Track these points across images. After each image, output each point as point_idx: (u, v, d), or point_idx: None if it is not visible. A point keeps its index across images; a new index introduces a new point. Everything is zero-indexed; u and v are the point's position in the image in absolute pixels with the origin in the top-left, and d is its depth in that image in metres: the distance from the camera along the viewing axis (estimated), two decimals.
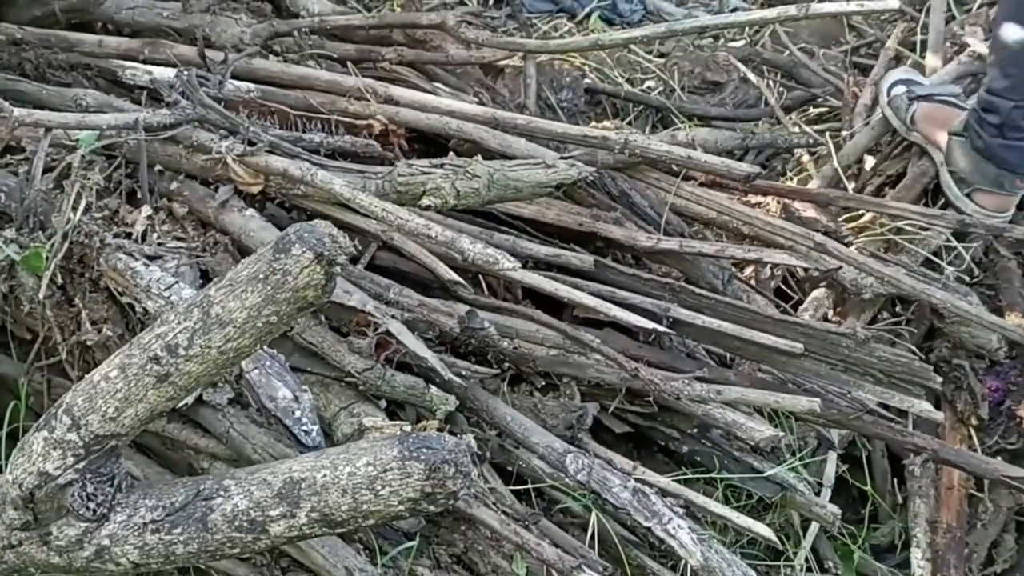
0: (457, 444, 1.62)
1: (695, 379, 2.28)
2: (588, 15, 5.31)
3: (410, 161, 2.25)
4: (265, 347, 1.90)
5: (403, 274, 2.42)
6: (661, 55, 5.05)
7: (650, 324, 2.27)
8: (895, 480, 2.82)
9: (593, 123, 3.48)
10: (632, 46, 5.12)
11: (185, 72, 2.40)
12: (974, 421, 2.73)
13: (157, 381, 1.64)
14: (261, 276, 1.56)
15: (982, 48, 3.44)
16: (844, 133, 3.49)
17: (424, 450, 1.62)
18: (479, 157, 2.36)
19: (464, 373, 2.17)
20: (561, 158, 2.33)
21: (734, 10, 5.36)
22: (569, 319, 2.51)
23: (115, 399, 1.66)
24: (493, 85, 3.25)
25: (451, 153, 2.38)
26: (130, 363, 1.65)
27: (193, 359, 1.62)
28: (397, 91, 2.72)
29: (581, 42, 2.88)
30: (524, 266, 2.27)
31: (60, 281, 2.23)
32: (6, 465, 2.39)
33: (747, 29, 5.08)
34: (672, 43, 5.17)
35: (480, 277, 2.50)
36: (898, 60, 3.95)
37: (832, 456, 2.64)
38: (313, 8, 3.37)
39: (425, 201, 2.20)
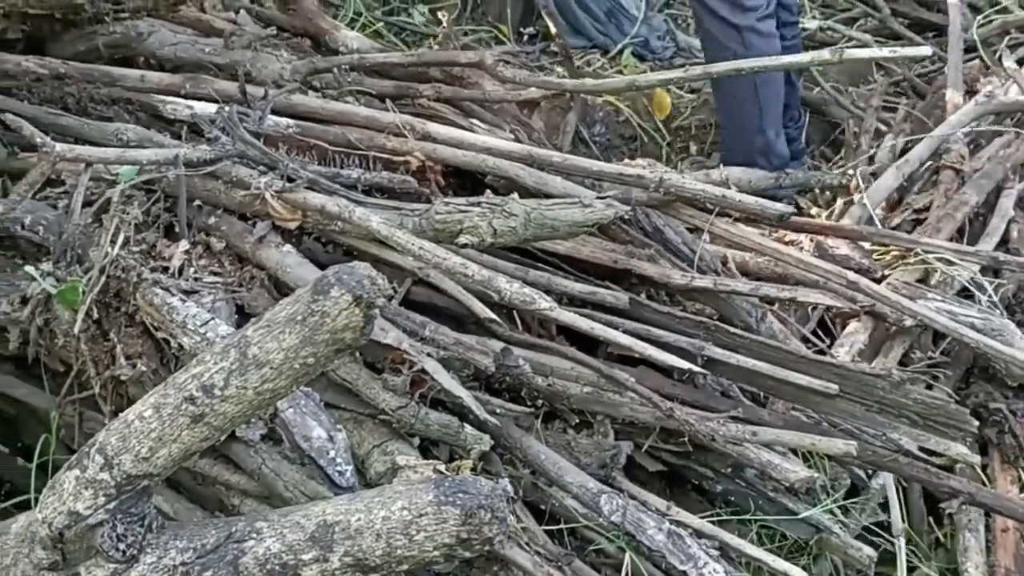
0: (493, 489, 1.54)
1: (730, 419, 2.20)
2: (620, 51, 5.28)
3: (447, 199, 2.19)
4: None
5: (437, 310, 2.36)
6: (693, 91, 5.01)
7: (685, 363, 2.22)
8: (931, 520, 2.73)
9: (627, 159, 3.42)
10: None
11: (225, 108, 2.34)
12: (1022, 463, 2.64)
13: (192, 421, 1.57)
14: (299, 317, 1.49)
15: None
16: (850, 172, 3.44)
17: (460, 495, 1.55)
18: (516, 195, 2.30)
19: (498, 411, 2.09)
20: (598, 197, 2.26)
21: None
22: (603, 356, 2.44)
23: (149, 439, 1.59)
24: (528, 120, 3.19)
25: (488, 191, 2.31)
26: (165, 403, 1.59)
27: (229, 400, 1.55)
28: (434, 128, 2.66)
29: (618, 82, 2.82)
30: (559, 303, 2.21)
31: (96, 315, 2.18)
32: (35, 500, 2.38)
33: None
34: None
35: (514, 313, 2.43)
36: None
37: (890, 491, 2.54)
38: (352, 45, 3.33)
39: (462, 239, 2.14)
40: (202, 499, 2.21)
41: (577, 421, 2.34)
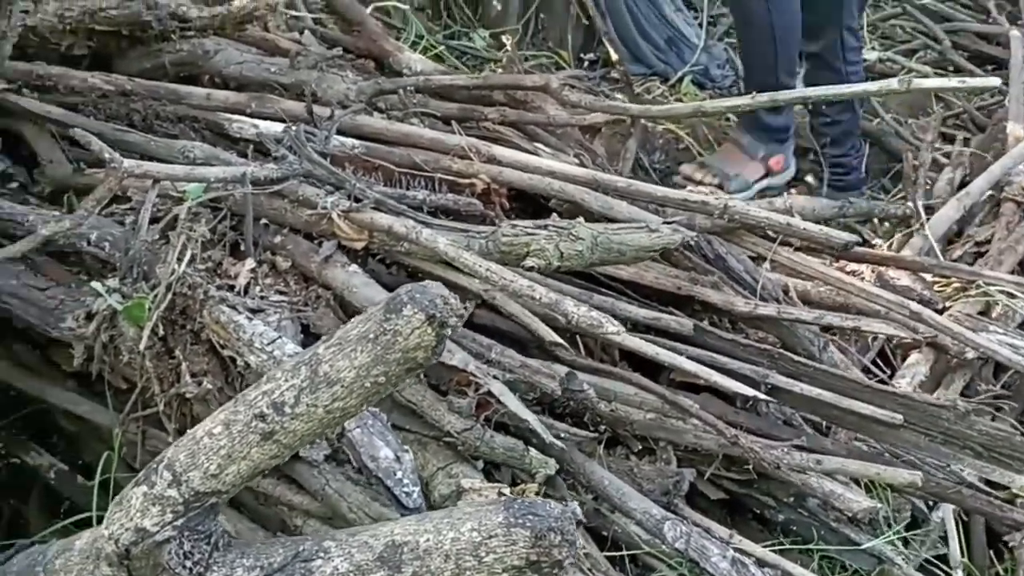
0: (563, 512, 1.52)
1: (793, 447, 2.18)
2: (680, 79, 5.28)
3: (514, 222, 2.18)
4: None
5: (501, 333, 2.34)
6: None
7: (749, 391, 2.19)
8: (992, 554, 2.68)
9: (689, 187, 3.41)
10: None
11: (293, 128, 2.35)
12: None
13: (262, 439, 1.57)
14: (371, 336, 1.49)
15: None
16: (909, 204, 3.41)
17: (530, 517, 1.52)
18: (581, 219, 2.29)
19: (562, 436, 2.08)
20: (664, 223, 2.25)
21: None
22: (666, 382, 2.42)
23: (218, 456, 1.59)
24: (591, 145, 3.19)
25: (554, 215, 2.30)
26: (235, 420, 1.58)
27: (299, 418, 1.54)
28: (499, 151, 2.66)
29: (683, 108, 2.81)
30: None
31: (161, 332, 2.18)
32: (97, 518, 2.38)
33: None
34: None
35: (577, 337, 2.42)
36: None
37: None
38: (416, 67, 3.35)
39: (528, 262, 2.13)
40: (264, 519, 2.20)
41: (640, 447, 2.32)
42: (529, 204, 2.75)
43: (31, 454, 2.74)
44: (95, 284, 2.18)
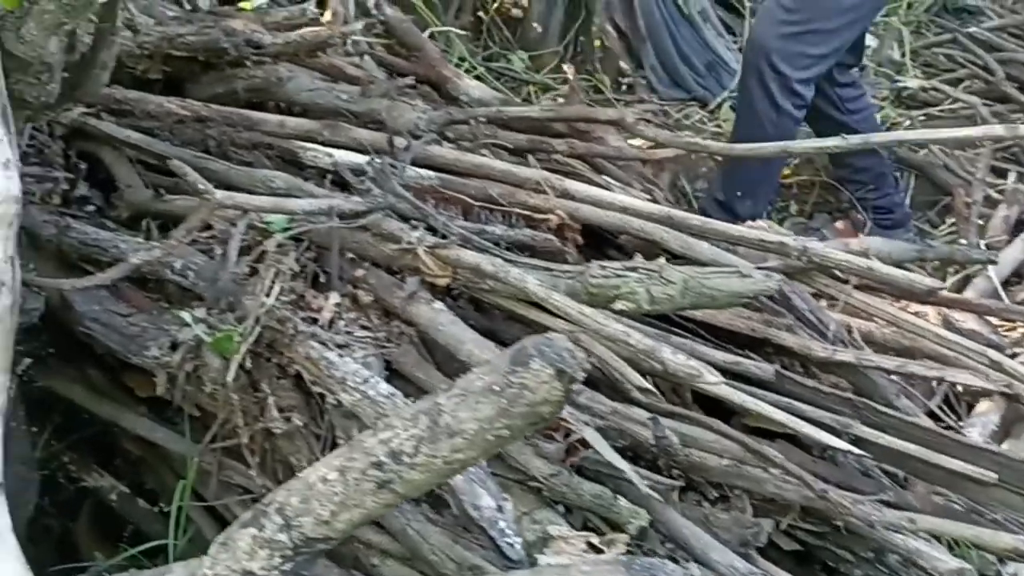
0: (685, 573, 1.52)
1: (879, 502, 2.16)
2: (720, 104, 5.29)
3: (602, 263, 2.17)
4: None
5: None
6: None
7: (836, 442, 2.17)
8: None
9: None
10: None
11: (377, 160, 2.35)
12: None
13: (377, 487, 1.56)
14: (496, 388, 1.48)
15: None
16: (963, 241, 3.39)
17: None
18: (663, 259, 2.28)
19: (655, 486, 2.06)
20: (757, 268, 2.23)
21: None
22: (739, 426, 2.41)
23: (331, 502, 1.58)
24: (653, 178, 3.19)
25: (637, 255, 2.29)
26: (350, 467, 1.57)
27: (417, 467, 1.53)
28: (572, 185, 2.65)
29: (768, 148, 2.78)
30: None
31: (247, 365, 2.17)
32: (173, 547, 2.37)
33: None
34: (803, 133, 5.10)
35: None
36: None
37: None
38: (474, 94, 3.36)
39: (618, 305, 2.12)
40: (338, 557, 2.18)
41: (716, 495, 2.31)
42: (595, 236, 2.76)
43: (92, 475, 2.74)
44: (184, 314, 2.16)
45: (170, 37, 2.77)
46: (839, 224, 4.44)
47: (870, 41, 5.74)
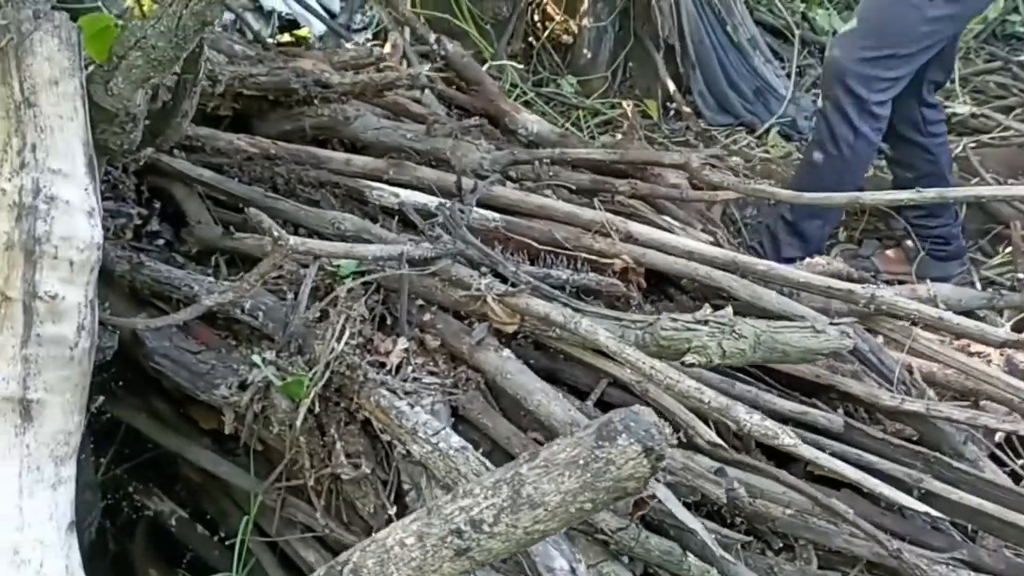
0: None
1: (953, 560, 2.10)
2: (768, 130, 5.23)
3: (673, 315, 2.12)
4: None
5: None
6: None
7: (906, 499, 2.10)
8: None
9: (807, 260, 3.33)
10: (801, 157, 5.01)
11: (446, 206, 2.31)
12: None
13: (455, 555, 1.52)
14: (581, 462, 1.44)
15: None
16: (1020, 275, 3.32)
17: None
18: (730, 309, 2.23)
19: (725, 540, 2.01)
20: (831, 323, 2.18)
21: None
22: (802, 471, 2.36)
23: (408, 567, 1.55)
24: (712, 216, 3.14)
25: (707, 306, 2.23)
26: (428, 532, 1.54)
27: (497, 536, 1.50)
28: (636, 228, 2.61)
29: (840, 198, 2.71)
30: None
31: (315, 408, 2.14)
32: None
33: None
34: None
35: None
36: None
37: None
38: (532, 128, 3.33)
39: (689, 359, 2.07)
40: None
41: (780, 545, 2.25)
42: (658, 276, 2.70)
43: (153, 499, 2.73)
44: (254, 357, 2.15)
45: (242, 77, 2.75)
46: (890, 252, 4.37)
47: None
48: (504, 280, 2.28)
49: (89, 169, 1.85)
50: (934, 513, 2.03)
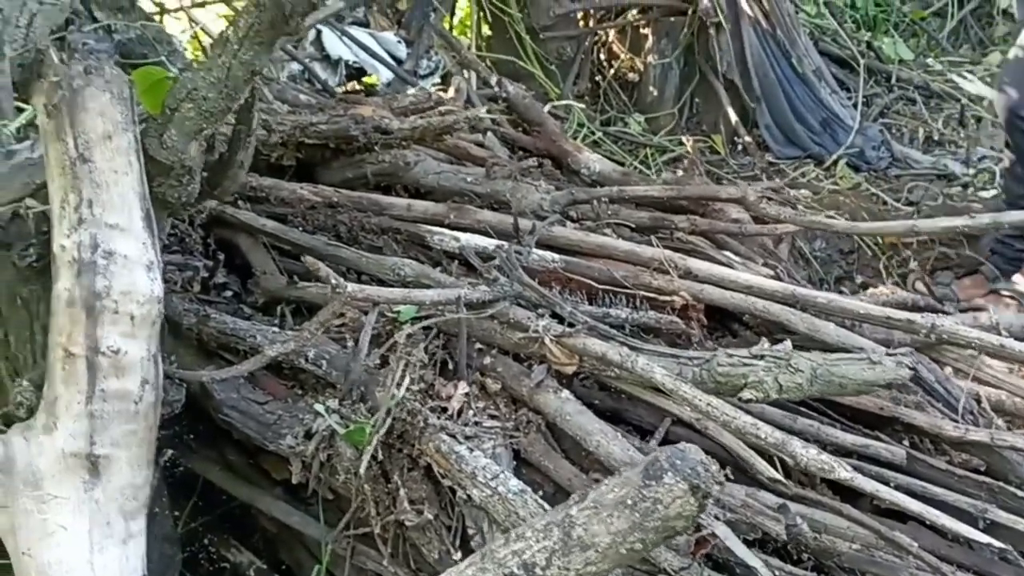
0: None
1: None
2: (835, 161, 5.18)
3: (729, 351, 2.10)
4: None
5: None
6: (910, 203, 4.85)
7: (971, 532, 2.06)
8: None
9: (871, 289, 3.29)
10: (875, 191, 4.96)
11: (504, 249, 2.32)
12: None
13: None
14: (629, 502, 1.44)
15: None
16: None
17: None
18: (788, 343, 2.21)
19: (776, 572, 1.98)
20: (887, 354, 2.14)
21: (982, 158, 5.13)
22: (869, 508, 2.31)
23: None
24: (777, 250, 3.11)
25: (763, 340, 2.22)
26: None
27: None
28: (695, 264, 2.60)
29: (896, 227, 2.68)
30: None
31: (379, 455, 2.15)
32: None
33: (997, 178, 4.84)
34: (921, 191, 4.97)
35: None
36: None
37: None
38: (595, 167, 3.33)
39: (746, 394, 2.05)
40: None
41: None
42: (719, 311, 2.68)
43: (231, 550, 2.76)
44: (317, 406, 2.16)
45: (303, 126, 2.79)
46: (966, 281, 4.29)
47: (986, 92, 5.59)
48: (562, 321, 2.28)
49: (147, 223, 1.87)
50: (1000, 544, 1.98)
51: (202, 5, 4.64)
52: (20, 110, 2.27)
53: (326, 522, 2.38)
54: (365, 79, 4.45)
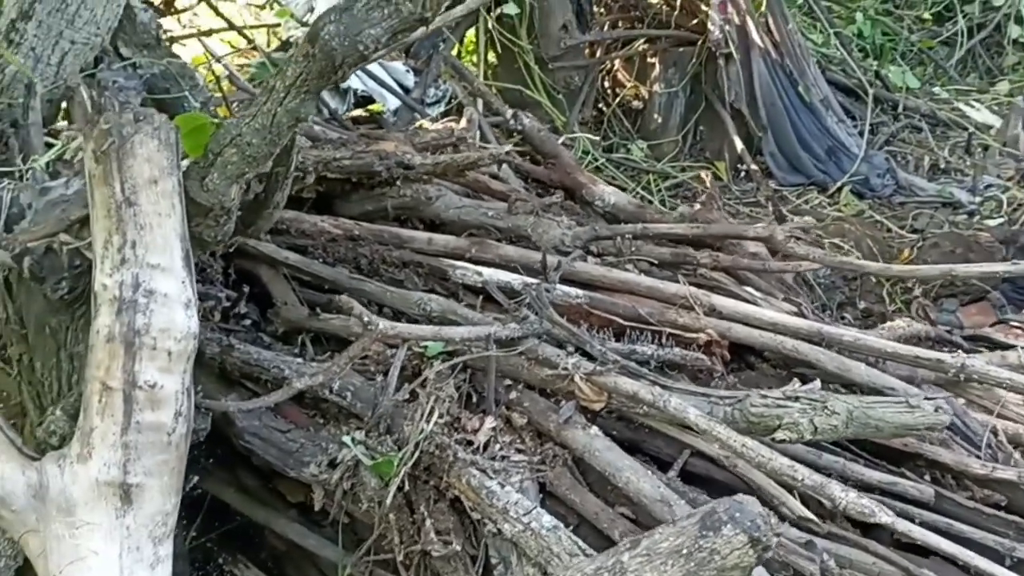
0: None
1: None
2: (840, 188, 5.19)
3: (763, 392, 2.10)
4: None
5: (715, 483, 2.26)
6: (915, 231, 4.86)
7: (1000, 570, 2.07)
8: None
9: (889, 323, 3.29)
10: (880, 219, 4.97)
11: (532, 287, 2.32)
12: None
13: None
14: (684, 551, 1.43)
15: None
16: None
17: None
18: (818, 383, 2.20)
19: None
20: (926, 398, 2.14)
21: (988, 186, 5.15)
22: (890, 542, 2.31)
23: None
24: (787, 280, 3.11)
25: (795, 380, 2.21)
26: None
27: None
28: (719, 301, 2.60)
29: (931, 271, 2.68)
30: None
31: (404, 487, 2.15)
32: None
33: (1004, 206, 4.87)
34: (926, 219, 4.98)
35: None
36: None
37: None
38: (609, 200, 3.32)
39: (779, 435, 2.04)
40: None
41: None
42: (740, 347, 2.68)
43: (239, 567, 2.76)
44: (345, 438, 2.17)
45: (326, 161, 2.79)
46: (972, 308, 4.29)
47: (992, 120, 5.63)
48: (590, 358, 2.28)
49: (186, 263, 1.89)
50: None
51: (209, 34, 4.66)
52: (49, 146, 2.27)
53: (341, 545, 2.38)
54: (371, 107, 4.46)
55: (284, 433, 2.38)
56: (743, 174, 5.45)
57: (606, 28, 5.52)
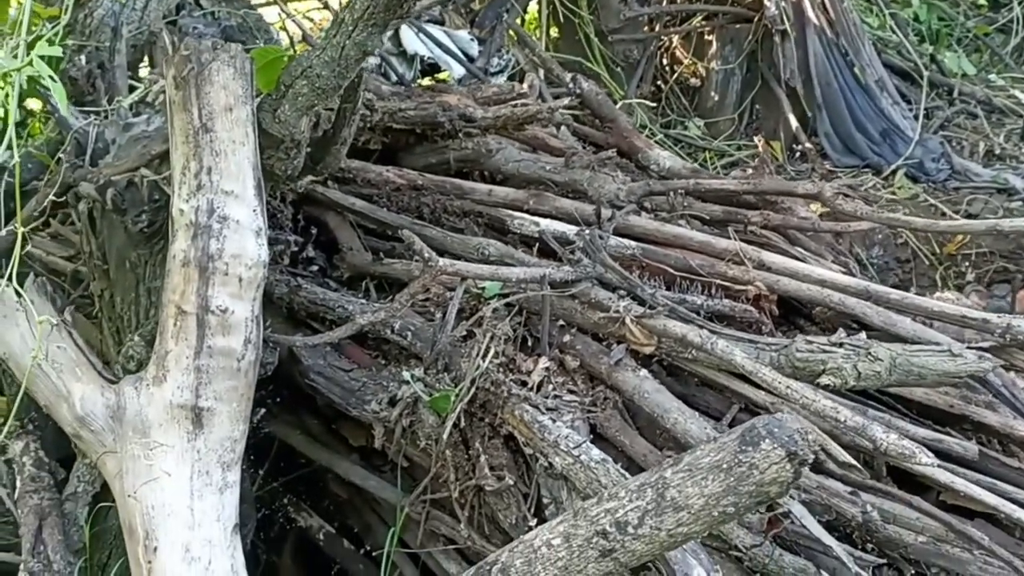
0: None
1: None
2: (894, 172, 5.16)
3: (809, 337, 2.12)
4: None
5: None
6: (969, 215, 4.82)
7: None
8: None
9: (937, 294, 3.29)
10: (934, 203, 4.93)
11: (587, 232, 2.36)
12: None
13: (600, 555, 1.55)
14: (724, 466, 1.46)
15: None
16: None
17: None
18: (864, 335, 2.22)
19: (861, 564, 1.99)
20: (968, 347, 2.15)
21: None
22: (935, 504, 2.32)
23: (555, 567, 1.58)
24: (843, 248, 3.12)
25: (840, 330, 2.23)
26: (575, 533, 1.57)
27: (641, 538, 1.53)
28: (769, 257, 2.61)
29: (978, 226, 2.68)
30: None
31: (460, 423, 2.19)
32: None
33: None
34: (980, 204, 4.94)
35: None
36: None
37: None
38: (664, 164, 3.34)
39: (824, 380, 2.06)
40: None
41: (913, 572, 2.22)
42: (787, 306, 2.70)
43: (302, 515, 2.81)
44: (405, 374, 2.20)
45: (392, 111, 2.84)
46: (1021, 293, 4.27)
47: None
48: (641, 303, 2.31)
49: (258, 191, 1.93)
50: None
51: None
52: (132, 88, 2.34)
53: (403, 489, 2.42)
54: (438, 75, 4.51)
55: (347, 372, 2.43)
56: (798, 154, 5.43)
57: (664, 2, 5.52)
